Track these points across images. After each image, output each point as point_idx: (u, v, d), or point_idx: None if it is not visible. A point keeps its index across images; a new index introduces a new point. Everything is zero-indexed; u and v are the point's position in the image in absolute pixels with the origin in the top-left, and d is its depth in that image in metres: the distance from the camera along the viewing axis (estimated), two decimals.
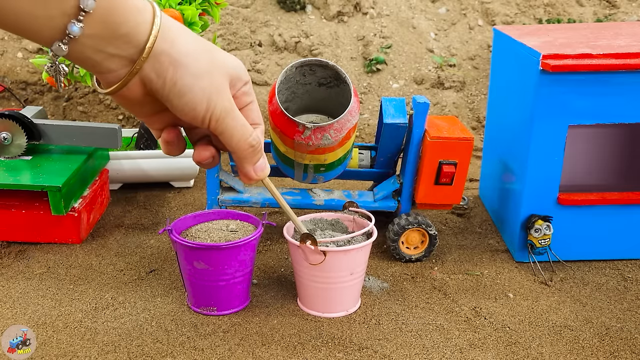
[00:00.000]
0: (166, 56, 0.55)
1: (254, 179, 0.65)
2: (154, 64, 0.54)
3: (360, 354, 1.16)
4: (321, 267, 1.22)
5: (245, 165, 0.64)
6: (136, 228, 1.67)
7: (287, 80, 1.34)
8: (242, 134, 0.61)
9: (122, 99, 0.57)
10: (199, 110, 0.57)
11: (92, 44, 0.52)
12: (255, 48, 2.52)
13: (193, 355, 1.15)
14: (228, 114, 0.59)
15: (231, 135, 0.60)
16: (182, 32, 0.56)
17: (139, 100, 0.58)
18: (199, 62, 0.56)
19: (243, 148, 0.61)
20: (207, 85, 0.57)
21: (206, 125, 0.59)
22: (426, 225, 1.47)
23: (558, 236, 1.47)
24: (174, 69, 0.55)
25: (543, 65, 1.33)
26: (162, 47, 0.54)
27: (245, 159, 0.63)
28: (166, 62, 0.55)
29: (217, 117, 0.58)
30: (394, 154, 1.53)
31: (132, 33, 0.53)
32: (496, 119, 1.74)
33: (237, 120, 0.60)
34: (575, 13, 2.62)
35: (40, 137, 1.65)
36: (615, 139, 1.78)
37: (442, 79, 2.44)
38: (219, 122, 0.59)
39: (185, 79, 0.55)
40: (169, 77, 0.55)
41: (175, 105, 0.57)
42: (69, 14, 0.50)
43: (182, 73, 0.55)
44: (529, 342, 1.21)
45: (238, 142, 0.61)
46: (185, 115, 0.57)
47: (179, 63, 0.55)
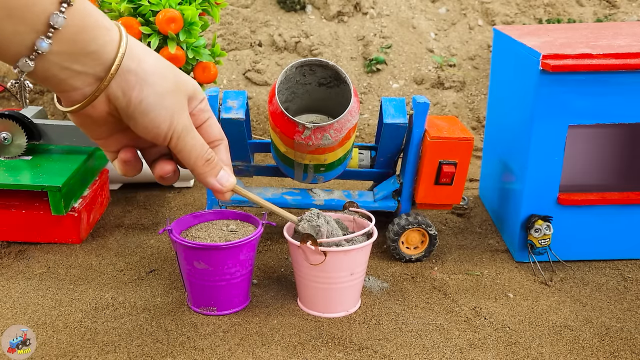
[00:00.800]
0: (133, 75, 0.56)
1: (222, 191, 0.67)
2: (120, 82, 0.55)
3: (360, 354, 1.16)
4: (321, 267, 1.22)
5: (209, 179, 0.66)
6: (136, 228, 1.67)
7: (287, 80, 1.34)
8: (200, 151, 0.63)
9: (84, 117, 0.58)
10: (162, 128, 0.58)
11: (59, 61, 0.53)
12: (255, 48, 2.52)
13: (193, 355, 1.15)
14: (188, 132, 0.61)
15: (189, 152, 0.62)
16: (147, 52, 0.58)
17: (101, 119, 0.58)
18: (164, 81, 0.58)
19: (200, 164, 0.63)
20: (171, 104, 0.58)
21: (167, 142, 0.60)
22: (426, 225, 1.47)
23: (558, 236, 1.47)
24: (140, 87, 0.56)
25: (543, 65, 1.33)
26: (130, 65, 0.55)
27: (205, 174, 0.65)
28: (133, 80, 0.56)
29: (178, 134, 0.60)
30: (394, 154, 1.53)
31: (101, 51, 0.54)
32: (496, 119, 1.74)
33: (195, 139, 0.62)
34: (575, 13, 2.62)
35: (40, 137, 1.65)
36: (615, 139, 1.78)
37: (442, 79, 2.44)
38: (180, 140, 0.60)
39: (151, 97, 0.57)
40: (134, 95, 0.56)
41: (139, 123, 0.58)
42: (37, 30, 0.51)
43: (148, 92, 0.56)
44: (529, 342, 1.21)
45: (196, 159, 0.63)
46: (148, 133, 0.59)
47: (145, 82, 0.56)
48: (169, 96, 0.58)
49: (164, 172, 0.64)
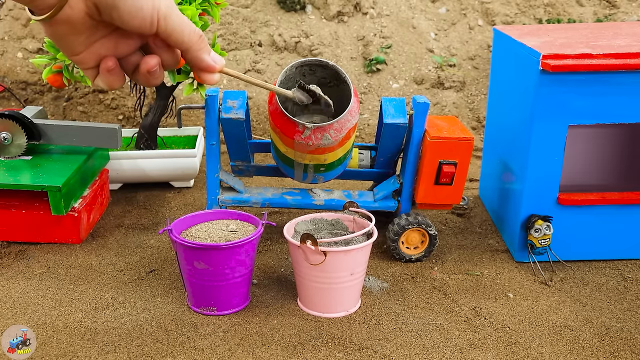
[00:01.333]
0: None
1: (216, 69, 0.65)
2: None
3: (360, 354, 1.16)
4: (321, 267, 1.22)
5: (203, 56, 0.63)
6: (136, 228, 1.67)
7: (287, 80, 1.34)
8: (190, 26, 0.61)
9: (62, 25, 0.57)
10: (146, 9, 0.57)
11: None
12: (255, 48, 2.52)
13: (193, 355, 1.15)
14: (173, 11, 0.59)
15: (182, 30, 0.60)
16: None
17: (79, 23, 0.57)
18: None
19: (195, 40, 0.61)
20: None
21: (155, 26, 0.58)
22: (426, 225, 1.47)
23: (558, 236, 1.47)
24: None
25: (543, 65, 1.33)
26: None
27: (201, 50, 0.62)
28: None
29: (164, 14, 0.58)
30: (394, 154, 1.53)
31: None
32: (496, 119, 1.74)
33: (182, 16, 0.60)
34: (575, 13, 2.62)
35: (40, 137, 1.65)
36: (615, 139, 1.78)
37: (442, 79, 2.44)
38: (167, 20, 0.58)
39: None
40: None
41: (121, 8, 0.56)
42: None
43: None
44: (529, 342, 1.21)
45: (189, 35, 0.61)
46: (133, 18, 0.57)
47: None
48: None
49: (150, 66, 0.61)
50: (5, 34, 2.46)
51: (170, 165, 1.84)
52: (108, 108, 2.40)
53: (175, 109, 1.89)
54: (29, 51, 2.43)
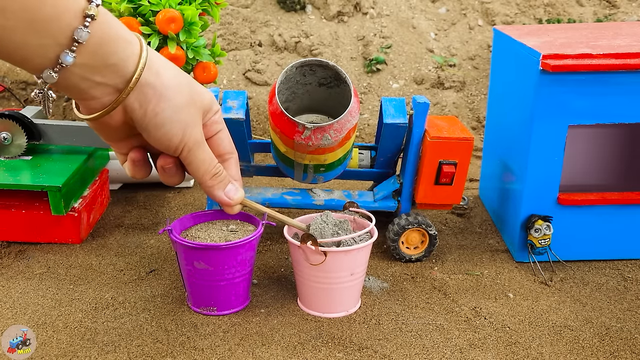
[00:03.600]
0: (151, 88, 0.57)
1: (230, 204, 0.68)
2: (138, 95, 0.56)
3: (360, 354, 1.16)
4: (321, 268, 1.22)
5: (216, 192, 0.67)
6: (136, 228, 1.67)
7: (287, 80, 1.34)
8: (208, 165, 0.64)
9: (101, 124, 0.59)
10: (174, 141, 0.60)
11: (81, 72, 0.54)
12: (255, 48, 2.52)
13: (193, 355, 1.15)
14: (199, 147, 0.62)
15: (198, 166, 0.64)
16: (166, 66, 0.59)
17: (116, 127, 0.60)
18: (181, 96, 0.59)
19: (207, 178, 0.65)
20: (185, 118, 0.59)
21: (178, 154, 0.62)
22: (426, 225, 1.47)
23: (558, 236, 1.47)
24: (157, 101, 0.57)
25: (543, 65, 1.33)
26: (148, 79, 0.56)
27: (213, 188, 0.66)
28: (150, 93, 0.57)
29: (189, 148, 0.61)
30: (394, 154, 1.53)
31: (121, 64, 0.55)
32: (496, 119, 1.74)
33: (205, 153, 0.63)
34: (575, 13, 2.62)
35: (40, 137, 1.65)
36: (615, 139, 1.78)
37: (442, 79, 2.44)
38: (190, 153, 0.62)
39: (167, 111, 0.58)
40: (150, 108, 0.57)
41: (152, 135, 0.59)
42: (62, 44, 0.52)
43: (164, 106, 0.58)
44: (529, 342, 1.21)
45: (204, 173, 0.64)
46: (160, 144, 0.60)
47: (162, 96, 0.57)
48: (184, 110, 0.59)
49: (165, 163, 0.64)
50: None
51: None
52: None
53: None
54: None
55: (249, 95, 2.40)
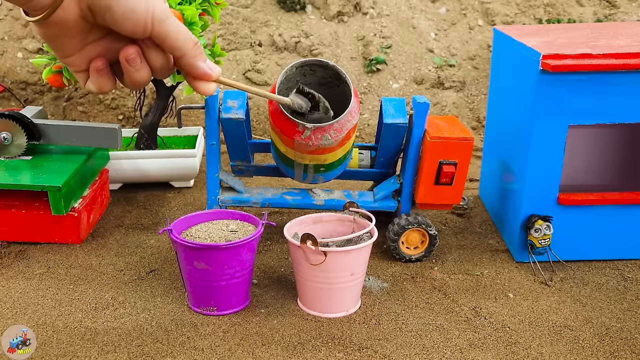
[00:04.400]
0: None
1: (212, 77, 0.63)
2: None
3: (360, 354, 1.16)
4: (321, 268, 1.22)
5: (199, 63, 0.62)
6: (136, 228, 1.67)
7: (288, 80, 1.34)
8: (186, 32, 0.60)
9: (55, 27, 0.57)
10: (140, 12, 0.56)
11: None
12: (255, 48, 2.52)
13: (193, 355, 1.15)
14: (167, 16, 0.58)
15: (177, 34, 0.59)
16: None
17: (72, 25, 0.57)
18: None
19: (190, 46, 0.60)
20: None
21: (149, 29, 0.58)
22: (426, 225, 1.47)
23: (558, 236, 1.47)
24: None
25: (543, 65, 1.33)
26: None
27: (196, 57, 0.61)
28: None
29: (158, 18, 0.57)
30: (394, 154, 1.53)
31: None
32: (496, 119, 1.74)
33: (177, 22, 0.59)
34: (575, 13, 2.62)
35: (40, 137, 1.65)
36: (615, 139, 1.78)
37: (442, 79, 2.44)
38: (162, 24, 0.58)
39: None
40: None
41: (115, 9, 0.56)
42: None
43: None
44: (529, 342, 1.21)
45: (185, 40, 0.60)
46: (126, 20, 0.57)
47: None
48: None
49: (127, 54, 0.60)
50: (5, 34, 2.46)
51: (170, 165, 1.84)
52: (108, 108, 2.40)
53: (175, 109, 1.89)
54: (29, 51, 2.43)
55: (249, 95, 2.40)
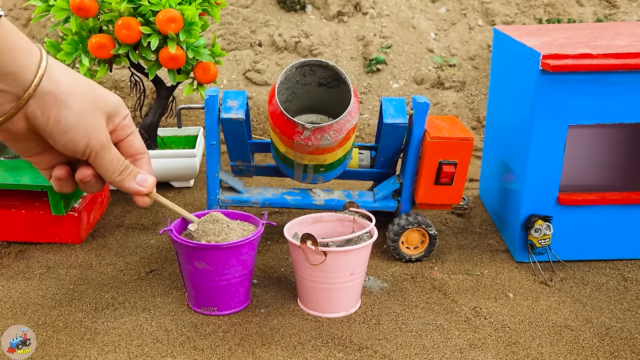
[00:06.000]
0: (52, 96, 0.59)
1: (143, 192, 0.71)
2: (39, 102, 0.59)
3: (360, 354, 1.16)
4: (321, 268, 1.22)
5: (127, 185, 0.70)
6: (136, 228, 1.67)
7: (287, 80, 1.34)
8: (116, 164, 0.67)
9: (7, 133, 0.62)
10: (80, 146, 0.63)
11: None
12: (255, 48, 2.52)
13: (193, 355, 1.15)
14: (106, 150, 0.65)
15: (106, 168, 0.66)
16: (67, 75, 0.62)
17: (23, 136, 0.62)
18: (82, 102, 0.61)
19: (116, 175, 0.68)
20: (88, 124, 0.62)
21: (86, 157, 0.64)
22: (426, 225, 1.47)
23: (558, 236, 1.47)
24: (58, 109, 0.60)
25: (543, 65, 1.33)
26: (48, 87, 0.59)
27: (123, 181, 0.69)
28: (51, 101, 0.59)
29: (96, 152, 0.64)
30: (394, 154, 1.53)
31: (20, 72, 0.57)
32: (496, 119, 1.74)
33: (112, 154, 0.66)
34: (575, 13, 2.62)
35: None
36: (615, 139, 1.78)
37: (442, 79, 2.45)
38: (98, 156, 0.64)
39: (69, 118, 0.60)
40: (52, 116, 0.60)
41: (58, 141, 0.62)
42: None
43: (66, 113, 0.60)
44: (529, 342, 1.21)
45: (112, 172, 0.67)
46: (67, 150, 0.63)
47: (63, 103, 0.60)
48: (87, 116, 0.62)
49: (83, 176, 0.67)
50: None
51: (170, 165, 1.84)
52: None
53: (175, 109, 1.89)
54: None
55: (249, 95, 2.40)
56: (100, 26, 1.61)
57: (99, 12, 1.60)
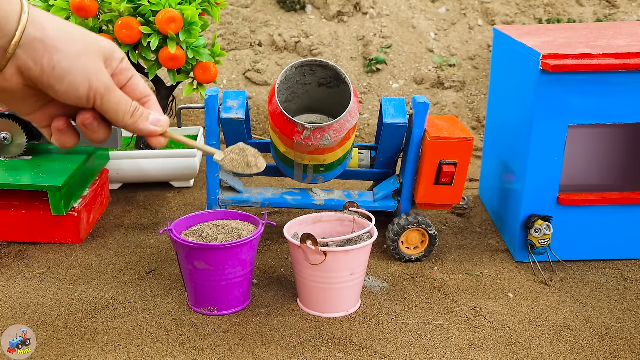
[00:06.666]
0: (39, 42, 0.56)
1: (158, 131, 0.67)
2: (29, 52, 0.56)
3: (360, 354, 1.16)
4: (321, 268, 1.22)
5: (141, 126, 0.66)
6: (136, 228, 1.67)
7: (287, 80, 1.34)
8: (125, 106, 0.63)
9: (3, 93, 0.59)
10: (82, 90, 0.59)
11: None
12: (255, 48, 2.52)
13: (193, 355, 1.15)
14: (111, 91, 0.61)
15: (115, 111, 0.62)
16: (51, 19, 0.58)
17: (20, 93, 0.59)
18: (73, 46, 0.58)
19: (128, 118, 0.64)
20: (85, 66, 0.59)
21: (91, 104, 0.61)
22: (426, 225, 1.47)
23: (558, 236, 1.47)
24: (50, 55, 0.57)
25: (543, 65, 1.33)
26: (34, 34, 0.56)
27: (136, 123, 0.65)
28: (41, 48, 0.56)
29: (101, 95, 0.60)
30: (394, 154, 1.53)
31: (2, 23, 0.54)
32: (496, 119, 1.74)
33: (119, 96, 0.62)
34: (575, 13, 2.62)
35: (40, 137, 1.65)
36: (615, 139, 1.78)
37: (442, 79, 2.44)
38: (104, 100, 0.61)
39: (63, 62, 0.57)
40: (45, 63, 0.57)
41: (58, 90, 0.58)
42: None
43: (58, 58, 0.57)
44: (529, 342, 1.21)
45: (124, 115, 0.63)
46: (69, 97, 0.59)
47: (53, 48, 0.57)
48: (82, 59, 0.59)
49: (84, 119, 0.63)
50: None
51: (170, 165, 1.84)
52: None
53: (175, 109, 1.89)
54: None
55: (249, 95, 2.40)
56: (100, 26, 1.61)
57: (99, 12, 1.60)
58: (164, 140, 0.68)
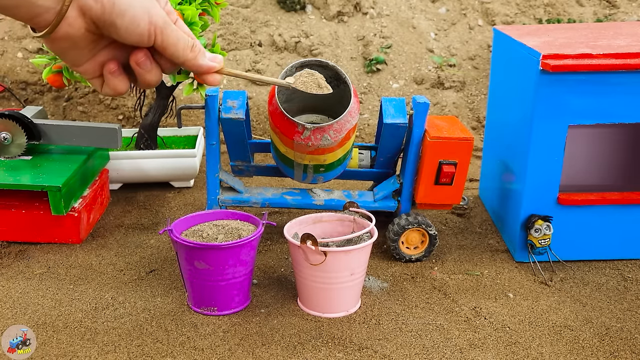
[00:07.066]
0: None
1: (215, 68, 0.67)
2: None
3: (360, 354, 1.16)
4: (321, 268, 1.22)
5: (201, 62, 0.66)
6: (136, 228, 1.67)
7: None
8: (185, 40, 0.63)
9: (63, 41, 0.59)
10: (143, 25, 0.59)
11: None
12: (255, 48, 2.52)
13: (193, 355, 1.15)
14: (169, 25, 0.61)
15: (176, 44, 0.62)
16: None
17: (80, 38, 0.59)
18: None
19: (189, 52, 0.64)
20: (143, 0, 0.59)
21: (152, 40, 0.61)
22: (426, 225, 1.47)
23: (558, 236, 1.47)
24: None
25: (543, 65, 1.33)
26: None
27: (197, 58, 0.65)
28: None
29: (161, 29, 0.61)
30: (394, 154, 1.53)
31: None
32: (496, 119, 1.74)
33: (177, 31, 0.63)
34: (575, 13, 2.62)
35: (40, 137, 1.65)
36: (615, 139, 1.78)
37: (442, 79, 2.44)
38: (164, 34, 0.61)
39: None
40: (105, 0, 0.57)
41: (119, 25, 0.59)
42: None
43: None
44: (529, 342, 1.21)
45: (184, 48, 0.63)
46: (130, 34, 0.60)
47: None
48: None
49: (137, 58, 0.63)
50: (5, 34, 2.46)
51: (170, 165, 1.84)
52: (108, 108, 2.40)
53: (175, 109, 1.89)
54: (29, 51, 2.43)
55: (249, 95, 2.40)
56: None
57: None
58: (219, 77, 0.68)
